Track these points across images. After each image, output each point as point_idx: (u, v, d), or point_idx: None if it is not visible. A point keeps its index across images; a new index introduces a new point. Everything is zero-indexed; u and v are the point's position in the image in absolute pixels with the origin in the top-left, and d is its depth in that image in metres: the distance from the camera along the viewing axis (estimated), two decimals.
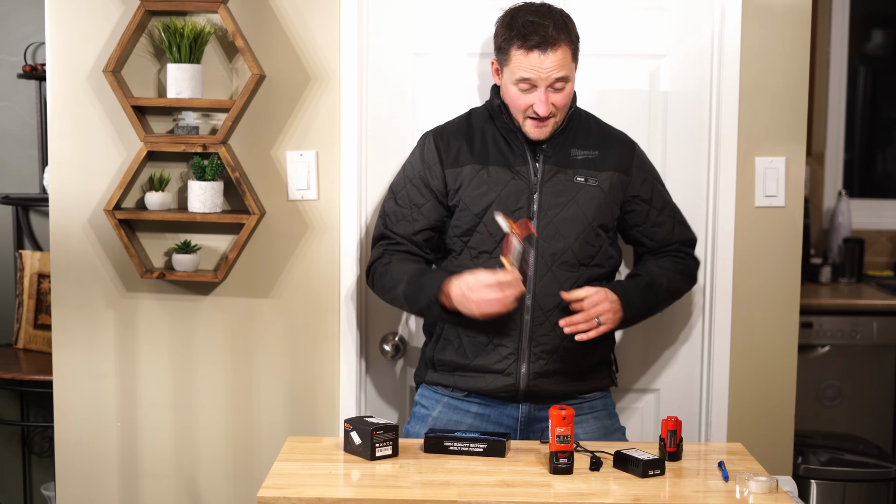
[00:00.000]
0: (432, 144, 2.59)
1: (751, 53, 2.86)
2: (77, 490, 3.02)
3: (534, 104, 2.45)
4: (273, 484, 2.16)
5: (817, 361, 4.02)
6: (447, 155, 2.56)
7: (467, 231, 2.53)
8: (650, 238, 2.63)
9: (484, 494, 2.11)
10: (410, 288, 2.50)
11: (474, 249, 2.53)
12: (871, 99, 4.76)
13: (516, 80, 2.46)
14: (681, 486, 2.21)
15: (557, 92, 2.46)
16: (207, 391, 2.98)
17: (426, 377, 2.63)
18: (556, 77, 2.44)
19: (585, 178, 2.53)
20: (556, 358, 2.51)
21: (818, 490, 3.39)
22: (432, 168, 2.56)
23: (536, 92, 2.45)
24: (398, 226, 2.59)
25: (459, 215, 2.55)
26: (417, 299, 2.49)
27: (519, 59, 2.44)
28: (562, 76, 2.44)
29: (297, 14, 2.87)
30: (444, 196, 2.56)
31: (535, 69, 2.43)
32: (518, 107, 2.48)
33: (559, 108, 2.48)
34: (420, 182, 2.58)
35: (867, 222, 4.61)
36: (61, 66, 2.91)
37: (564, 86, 2.47)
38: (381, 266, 2.58)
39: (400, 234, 2.59)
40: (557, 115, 2.49)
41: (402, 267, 2.54)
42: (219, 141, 2.83)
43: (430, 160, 2.57)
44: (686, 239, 2.68)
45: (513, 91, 2.48)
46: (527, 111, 2.47)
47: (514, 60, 2.45)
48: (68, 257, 2.96)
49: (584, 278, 2.52)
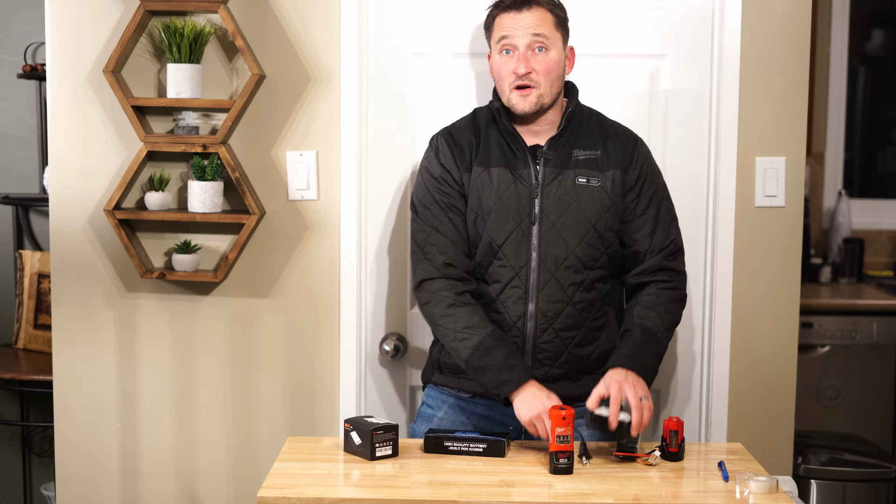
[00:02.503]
0: (446, 147, 2.55)
1: (751, 53, 2.86)
2: (77, 490, 3.02)
3: (513, 67, 2.45)
4: (273, 484, 2.16)
5: (817, 361, 4.02)
6: (460, 156, 2.53)
7: (472, 235, 2.51)
8: (631, 238, 2.54)
9: (484, 494, 2.11)
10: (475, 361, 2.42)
11: (477, 253, 2.52)
12: (871, 99, 4.76)
13: (497, 43, 2.48)
14: (681, 486, 2.21)
15: (537, 54, 2.46)
16: (207, 391, 2.98)
17: (433, 378, 2.63)
18: (532, 33, 2.44)
19: (588, 178, 2.50)
20: (559, 363, 2.50)
21: (818, 490, 3.39)
22: (451, 170, 2.53)
23: (517, 53, 2.46)
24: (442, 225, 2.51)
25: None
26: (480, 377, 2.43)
27: (499, 23, 2.50)
28: (539, 32, 2.45)
29: (297, 14, 2.87)
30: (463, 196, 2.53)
31: (511, 26, 2.46)
32: (502, 76, 2.48)
33: (541, 74, 2.46)
34: (446, 180, 2.53)
35: (867, 222, 4.61)
36: (61, 66, 2.91)
37: (545, 48, 2.46)
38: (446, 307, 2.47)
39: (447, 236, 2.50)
40: (542, 85, 2.46)
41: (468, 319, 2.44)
42: (219, 141, 2.83)
43: (448, 162, 2.53)
44: (666, 251, 2.54)
45: (497, 62, 2.50)
46: (510, 79, 2.47)
47: (495, 26, 2.50)
48: (68, 257, 2.96)
49: (588, 281, 2.51)
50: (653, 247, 2.54)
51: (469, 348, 2.42)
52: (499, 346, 2.41)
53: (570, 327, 2.49)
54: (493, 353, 2.40)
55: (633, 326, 2.48)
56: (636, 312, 2.50)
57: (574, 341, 2.50)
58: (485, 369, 2.41)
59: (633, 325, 2.49)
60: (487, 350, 2.41)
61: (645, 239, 2.54)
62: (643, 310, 2.50)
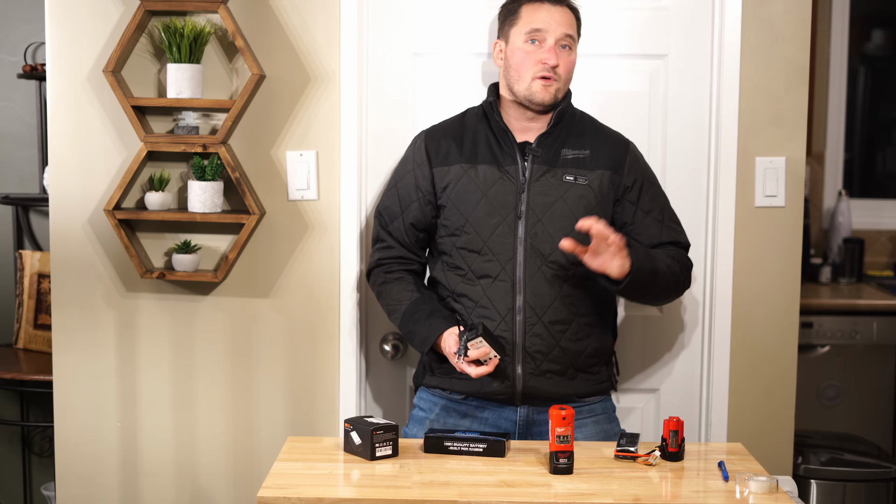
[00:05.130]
0: (422, 144, 2.61)
1: (751, 53, 2.86)
2: (77, 490, 3.02)
3: (544, 57, 2.48)
4: (273, 484, 2.16)
5: (817, 361, 4.02)
6: (436, 154, 2.57)
7: (455, 231, 2.53)
8: (636, 240, 2.57)
9: (484, 494, 2.11)
10: (405, 328, 2.55)
11: (463, 249, 2.52)
12: (871, 99, 4.76)
13: (527, 33, 2.50)
14: (681, 486, 2.21)
15: (562, 51, 2.50)
16: (207, 391, 2.98)
17: (424, 380, 2.63)
18: (565, 33, 2.49)
19: (575, 176, 2.52)
20: (551, 357, 2.50)
21: (818, 490, 3.39)
22: (421, 167, 2.58)
23: (546, 44, 2.49)
24: (392, 225, 2.62)
25: (447, 214, 2.55)
26: (412, 339, 2.54)
27: (530, 13, 2.51)
28: (570, 33, 2.51)
29: (297, 14, 2.87)
30: (433, 196, 2.57)
31: (546, 20, 2.49)
32: (528, 65, 2.50)
33: (563, 72, 2.51)
34: (410, 180, 2.59)
35: (867, 222, 4.61)
36: (61, 66, 2.91)
37: (570, 48, 2.52)
38: (377, 286, 2.64)
39: (395, 236, 2.61)
40: (560, 81, 2.51)
41: (397, 294, 2.58)
42: (219, 141, 2.83)
43: (420, 159, 2.59)
44: (675, 241, 2.60)
45: (521, 51, 2.51)
46: (535, 69, 2.49)
47: (525, 16, 2.51)
48: (68, 257, 2.96)
49: (575, 278, 2.51)
50: (662, 240, 2.58)
51: (399, 318, 2.56)
52: (421, 308, 2.52)
53: (560, 321, 2.50)
54: (416, 316, 2.51)
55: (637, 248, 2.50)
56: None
57: (565, 335, 2.50)
58: (412, 333, 2.52)
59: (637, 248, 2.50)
60: (412, 315, 2.52)
61: (654, 237, 2.57)
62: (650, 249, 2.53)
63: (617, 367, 2.68)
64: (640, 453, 2.32)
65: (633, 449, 2.32)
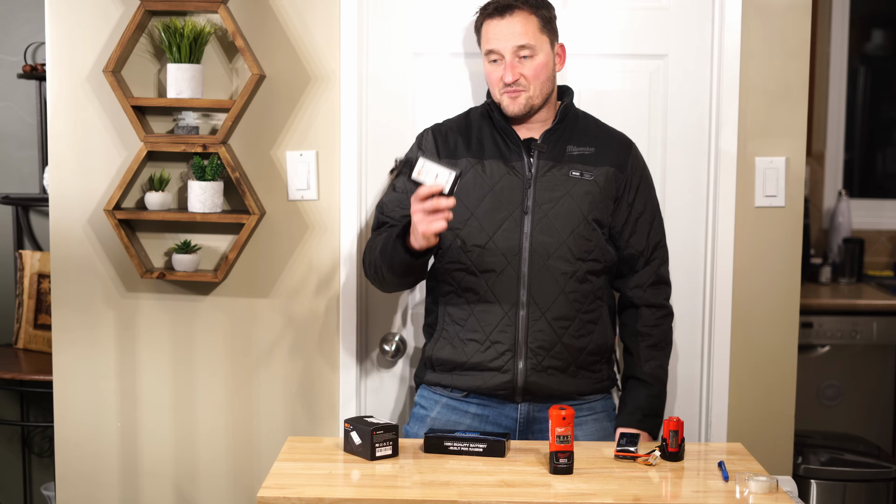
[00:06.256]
0: (430, 137, 2.62)
1: (751, 53, 2.86)
2: (77, 490, 3.02)
3: (500, 75, 2.50)
4: (273, 484, 2.16)
5: (817, 361, 4.02)
6: (445, 146, 2.58)
7: (458, 224, 2.53)
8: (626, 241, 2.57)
9: (484, 494, 2.11)
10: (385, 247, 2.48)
11: (466, 242, 2.52)
12: (871, 99, 4.76)
13: (487, 54, 2.53)
14: (681, 486, 2.21)
15: (524, 61, 2.49)
16: (207, 391, 2.98)
17: (425, 377, 2.63)
18: (517, 45, 2.48)
19: (581, 172, 2.53)
20: (553, 353, 2.51)
21: (818, 490, 3.39)
22: (430, 155, 2.56)
23: (504, 61, 2.50)
24: (394, 211, 2.60)
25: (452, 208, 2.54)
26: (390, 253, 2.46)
27: (487, 31, 2.53)
28: (523, 44, 2.48)
29: (297, 14, 2.87)
30: None
31: (497, 37, 2.50)
32: (493, 82, 2.53)
33: (530, 79, 2.50)
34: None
35: (867, 222, 4.61)
36: (61, 66, 2.91)
37: (532, 55, 2.50)
38: (368, 245, 2.60)
39: (395, 217, 2.59)
40: (530, 89, 2.50)
41: (382, 236, 2.54)
42: (219, 141, 2.83)
43: (429, 147, 2.60)
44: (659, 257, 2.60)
45: (487, 68, 2.55)
46: (499, 86, 2.52)
47: (484, 34, 2.55)
48: (68, 257, 2.96)
49: (581, 272, 2.52)
50: (648, 249, 2.59)
51: (379, 253, 2.49)
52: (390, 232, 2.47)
53: (563, 317, 2.50)
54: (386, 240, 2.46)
55: (646, 377, 2.57)
56: (644, 354, 2.58)
57: (567, 331, 2.50)
58: (391, 254, 2.43)
59: (644, 374, 2.57)
60: (384, 243, 2.46)
61: (641, 241, 2.58)
62: (652, 350, 2.58)
63: (618, 365, 2.69)
64: (640, 453, 2.32)
65: (633, 449, 2.32)
